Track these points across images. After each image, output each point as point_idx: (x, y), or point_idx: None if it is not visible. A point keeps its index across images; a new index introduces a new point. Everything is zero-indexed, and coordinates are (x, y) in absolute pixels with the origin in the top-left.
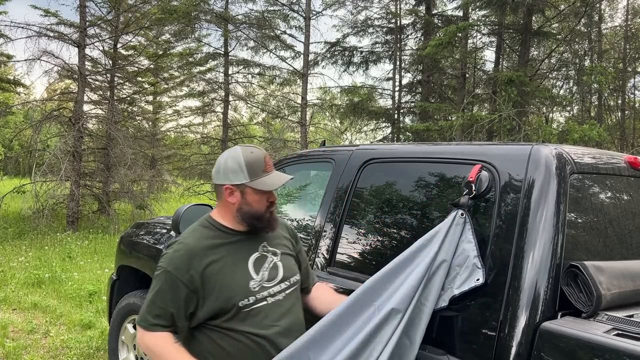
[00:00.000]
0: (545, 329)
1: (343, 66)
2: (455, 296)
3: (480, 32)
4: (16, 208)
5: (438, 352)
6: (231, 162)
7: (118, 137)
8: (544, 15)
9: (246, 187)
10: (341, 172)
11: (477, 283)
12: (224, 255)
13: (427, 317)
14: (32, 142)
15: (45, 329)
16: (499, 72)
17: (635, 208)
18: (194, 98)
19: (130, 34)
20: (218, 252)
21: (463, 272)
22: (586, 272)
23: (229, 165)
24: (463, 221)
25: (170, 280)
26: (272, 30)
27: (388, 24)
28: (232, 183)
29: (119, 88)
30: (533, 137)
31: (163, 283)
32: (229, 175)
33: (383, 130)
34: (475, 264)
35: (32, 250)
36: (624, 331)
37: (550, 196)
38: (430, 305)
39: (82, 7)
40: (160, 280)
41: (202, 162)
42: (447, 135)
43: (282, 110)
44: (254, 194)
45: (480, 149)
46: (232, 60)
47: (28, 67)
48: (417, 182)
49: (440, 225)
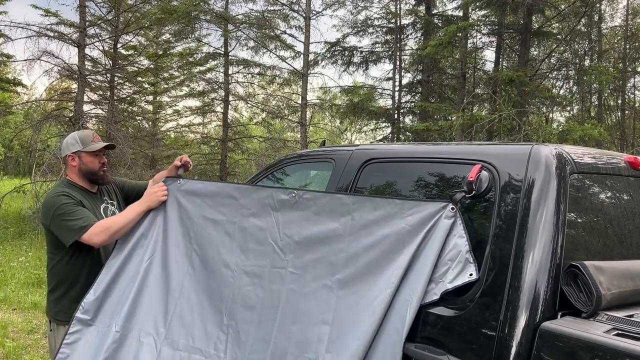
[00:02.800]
0: (545, 329)
1: (343, 66)
2: (449, 290)
3: (480, 32)
4: (16, 208)
5: (438, 352)
6: (69, 139)
7: (118, 137)
8: (544, 15)
9: (81, 152)
10: (341, 172)
11: (471, 278)
12: (85, 203)
13: (411, 308)
14: (32, 142)
15: (45, 329)
16: (499, 72)
17: (635, 208)
18: (194, 98)
19: (130, 34)
20: (83, 201)
21: (455, 267)
22: (586, 272)
23: (68, 141)
24: (453, 215)
25: (67, 201)
26: (272, 30)
27: (388, 24)
28: (71, 152)
29: (119, 88)
30: (533, 137)
31: (64, 206)
32: (69, 147)
33: (383, 130)
34: (468, 259)
35: (32, 250)
36: (624, 331)
37: (550, 196)
38: (417, 298)
39: (82, 7)
40: (62, 208)
41: (202, 162)
42: (447, 135)
43: (282, 110)
44: (87, 156)
45: (480, 149)
46: (232, 60)
47: (28, 67)
48: (417, 182)
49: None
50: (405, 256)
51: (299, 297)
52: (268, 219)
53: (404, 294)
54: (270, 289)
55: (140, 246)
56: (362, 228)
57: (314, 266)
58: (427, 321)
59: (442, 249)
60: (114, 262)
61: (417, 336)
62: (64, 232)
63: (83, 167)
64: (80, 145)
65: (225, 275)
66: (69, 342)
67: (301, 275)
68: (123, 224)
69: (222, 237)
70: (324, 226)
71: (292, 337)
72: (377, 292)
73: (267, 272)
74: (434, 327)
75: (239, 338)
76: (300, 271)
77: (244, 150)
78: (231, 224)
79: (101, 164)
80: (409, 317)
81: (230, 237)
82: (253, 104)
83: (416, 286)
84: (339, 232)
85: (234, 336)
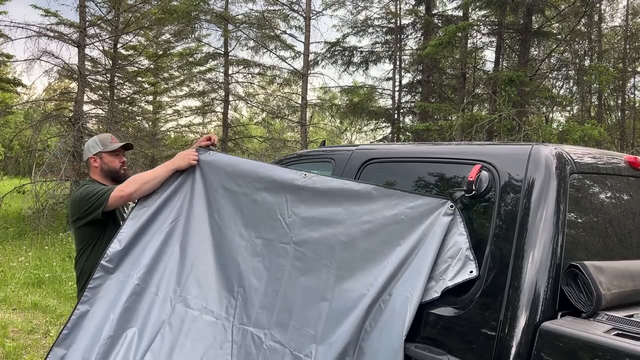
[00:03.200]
0: (545, 329)
1: (343, 66)
2: (449, 287)
3: (480, 32)
4: (16, 208)
5: (438, 352)
6: (90, 142)
7: (118, 137)
8: (544, 15)
9: (102, 153)
10: (341, 172)
11: (471, 275)
12: None
13: (412, 306)
14: (32, 142)
15: (45, 329)
16: (499, 72)
17: (635, 208)
18: (194, 98)
19: (130, 34)
20: None
21: (455, 264)
22: (586, 272)
23: (89, 145)
24: (452, 213)
25: (91, 186)
26: (272, 30)
27: (388, 24)
28: (92, 154)
29: (119, 88)
30: (533, 137)
31: (89, 187)
32: (90, 149)
33: (383, 130)
34: (468, 256)
35: (32, 250)
36: (624, 331)
37: (550, 196)
38: (417, 296)
39: (82, 7)
40: (87, 190)
41: None
42: (447, 135)
43: (282, 110)
44: (108, 156)
45: (480, 149)
46: (232, 60)
47: (28, 67)
48: (417, 182)
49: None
50: (403, 247)
51: (300, 273)
52: (279, 196)
53: (404, 292)
54: (277, 263)
55: (167, 205)
56: (364, 214)
57: (315, 246)
58: (427, 321)
59: (442, 247)
60: (140, 213)
61: (417, 336)
62: (96, 203)
63: (105, 167)
64: (101, 146)
65: (239, 245)
66: (92, 286)
67: (304, 253)
68: (152, 177)
69: (238, 208)
70: (327, 209)
71: (293, 310)
72: (372, 279)
73: (275, 245)
74: (434, 327)
75: (247, 305)
76: (303, 249)
77: (244, 150)
78: (245, 195)
79: (121, 162)
80: (410, 315)
81: (245, 209)
82: (253, 104)
83: (416, 283)
84: (341, 216)
85: (242, 303)
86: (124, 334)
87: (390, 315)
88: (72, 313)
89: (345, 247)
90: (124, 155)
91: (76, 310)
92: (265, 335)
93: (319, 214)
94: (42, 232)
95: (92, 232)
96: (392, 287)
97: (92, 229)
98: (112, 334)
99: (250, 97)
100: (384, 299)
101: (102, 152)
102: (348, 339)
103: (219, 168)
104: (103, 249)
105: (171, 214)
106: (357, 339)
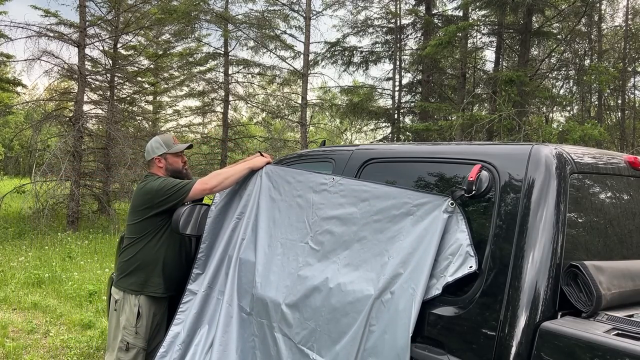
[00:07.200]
0: (545, 329)
1: (343, 66)
2: (449, 283)
3: (480, 32)
4: (16, 208)
5: (438, 352)
6: (154, 143)
7: (118, 137)
8: (544, 15)
9: (166, 154)
10: (341, 172)
11: (471, 270)
12: None
13: (416, 302)
14: (32, 142)
15: (45, 328)
16: (499, 72)
17: (635, 208)
18: (194, 98)
19: (130, 34)
20: None
21: (456, 260)
22: (586, 272)
23: (153, 145)
24: (452, 210)
25: (166, 179)
26: (272, 30)
27: (388, 24)
28: (157, 154)
29: (119, 88)
30: (533, 137)
31: (166, 180)
32: (155, 150)
33: (383, 130)
34: (468, 252)
35: (32, 250)
36: (624, 331)
37: (550, 196)
38: (420, 292)
39: (82, 7)
40: (165, 182)
41: (202, 162)
42: (447, 135)
43: (282, 110)
44: (172, 157)
45: (480, 149)
46: (232, 60)
47: (28, 67)
48: (417, 182)
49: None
50: (406, 244)
51: (310, 269)
52: (308, 200)
53: (407, 288)
54: (295, 259)
55: (234, 202)
56: (375, 214)
57: (328, 244)
58: (427, 321)
59: (443, 244)
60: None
61: (417, 336)
62: (175, 194)
63: (169, 167)
64: (165, 148)
65: (275, 250)
66: (183, 310)
67: (317, 251)
68: (232, 173)
69: (279, 214)
70: (344, 210)
71: (299, 303)
72: (375, 275)
73: (296, 245)
74: (434, 327)
75: (263, 299)
76: (317, 247)
77: (244, 150)
78: (284, 202)
79: (183, 162)
80: (414, 311)
81: (282, 215)
82: (253, 104)
83: (420, 278)
84: (355, 215)
85: (259, 294)
86: (198, 332)
87: (394, 313)
88: (166, 334)
89: (357, 244)
90: (185, 155)
91: (170, 331)
92: (274, 329)
93: (336, 215)
94: (42, 232)
95: (158, 222)
96: (395, 284)
97: (158, 219)
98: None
99: (250, 97)
100: (386, 296)
101: (167, 154)
102: (352, 335)
103: (268, 177)
104: (165, 238)
105: (237, 211)
106: (359, 339)
